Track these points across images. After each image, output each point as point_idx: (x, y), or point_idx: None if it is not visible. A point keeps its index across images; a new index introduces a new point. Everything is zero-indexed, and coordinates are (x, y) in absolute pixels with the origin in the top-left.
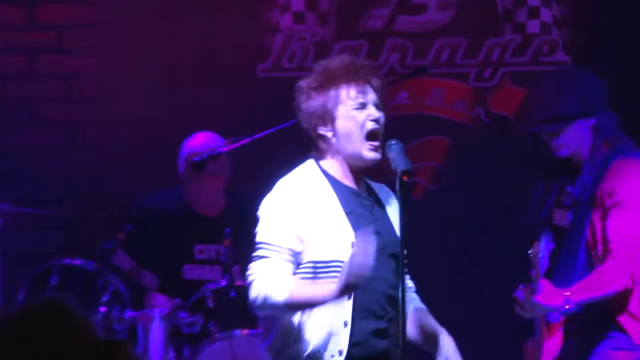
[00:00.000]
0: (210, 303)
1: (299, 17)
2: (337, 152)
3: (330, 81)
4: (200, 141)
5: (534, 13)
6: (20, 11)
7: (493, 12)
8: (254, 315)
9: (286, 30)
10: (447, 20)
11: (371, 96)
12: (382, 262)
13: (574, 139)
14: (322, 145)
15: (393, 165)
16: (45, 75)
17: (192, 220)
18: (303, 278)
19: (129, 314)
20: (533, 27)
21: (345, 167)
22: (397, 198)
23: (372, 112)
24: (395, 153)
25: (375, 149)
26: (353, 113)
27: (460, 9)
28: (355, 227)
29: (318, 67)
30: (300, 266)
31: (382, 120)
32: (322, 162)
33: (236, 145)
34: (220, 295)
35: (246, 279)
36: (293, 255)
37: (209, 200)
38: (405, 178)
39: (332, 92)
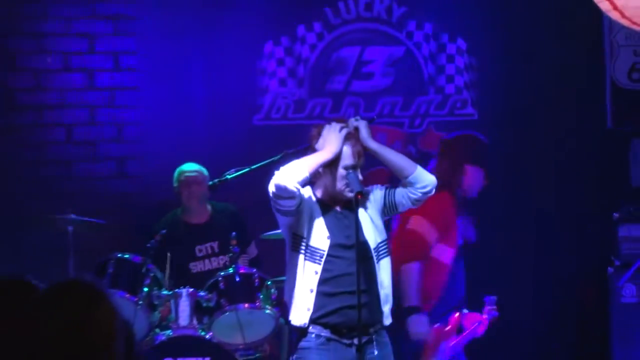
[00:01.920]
0: (222, 285)
1: (282, 82)
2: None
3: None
4: (196, 168)
5: (450, 79)
6: (82, 77)
7: (421, 79)
8: (253, 294)
9: (273, 91)
10: (388, 84)
11: (356, 153)
12: (349, 253)
13: None
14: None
15: (350, 188)
16: (102, 123)
17: (187, 229)
18: (297, 253)
19: (164, 293)
20: (450, 89)
21: (333, 194)
22: (355, 209)
23: (356, 166)
24: (352, 179)
25: (348, 189)
26: (341, 169)
27: (397, 76)
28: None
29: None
30: (295, 238)
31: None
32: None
33: (240, 173)
34: (228, 280)
35: (248, 265)
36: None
37: (193, 210)
38: (359, 197)
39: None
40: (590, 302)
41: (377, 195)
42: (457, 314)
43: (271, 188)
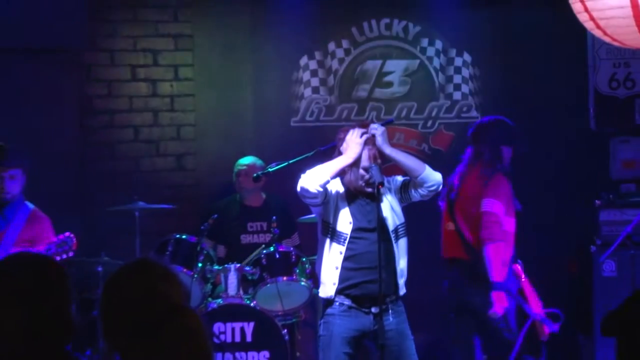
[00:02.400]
0: (264, 261)
1: (316, 90)
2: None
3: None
4: (248, 162)
5: (457, 87)
6: (147, 85)
7: (432, 87)
8: (290, 269)
9: (308, 98)
10: (405, 91)
11: (373, 157)
12: (375, 238)
13: None
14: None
15: (373, 179)
16: (164, 125)
17: (247, 210)
18: (326, 237)
19: (216, 268)
20: (457, 96)
21: (355, 188)
22: (377, 198)
23: (371, 168)
24: (374, 172)
25: (367, 185)
26: (361, 169)
27: (413, 85)
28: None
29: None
30: (324, 224)
31: (377, 163)
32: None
33: (280, 166)
34: (269, 257)
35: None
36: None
37: (250, 196)
38: (380, 186)
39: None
40: (575, 276)
41: (396, 185)
42: (517, 264)
43: (298, 188)
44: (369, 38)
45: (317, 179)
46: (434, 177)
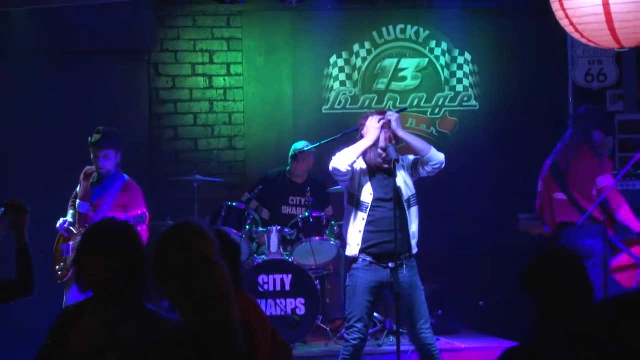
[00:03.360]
0: (300, 224)
1: (343, 83)
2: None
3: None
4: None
5: (460, 81)
6: (204, 80)
7: (439, 81)
8: (321, 230)
9: (337, 90)
10: (416, 84)
11: (389, 140)
12: (391, 206)
13: None
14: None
15: (390, 157)
16: (218, 112)
17: (291, 185)
18: (351, 206)
19: (261, 229)
20: (459, 88)
21: (375, 165)
22: (393, 172)
23: (388, 149)
24: (391, 151)
25: (385, 162)
26: (380, 149)
27: (423, 79)
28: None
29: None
30: (350, 196)
31: (393, 143)
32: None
33: (313, 146)
34: (305, 221)
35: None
36: (352, 169)
37: (299, 175)
38: (396, 163)
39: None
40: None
41: (408, 163)
42: None
43: (330, 168)
44: (387, 40)
45: (345, 159)
46: (438, 157)
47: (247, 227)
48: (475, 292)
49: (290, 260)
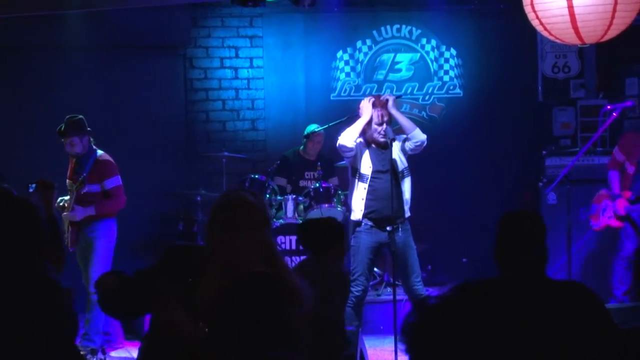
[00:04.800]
0: (312, 193)
1: (347, 74)
2: (368, 134)
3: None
4: (311, 127)
5: (446, 72)
6: (231, 71)
7: (429, 72)
8: (330, 198)
9: (342, 80)
10: (410, 75)
11: (385, 117)
12: (388, 177)
13: None
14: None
15: (387, 136)
16: (243, 99)
17: (304, 161)
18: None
19: (279, 198)
20: (446, 78)
21: (372, 140)
22: (389, 148)
23: (383, 126)
24: (387, 130)
25: (381, 136)
26: (375, 125)
27: (415, 71)
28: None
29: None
30: (353, 169)
31: (386, 125)
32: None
33: (323, 127)
34: (316, 190)
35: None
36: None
37: (311, 153)
38: (392, 141)
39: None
40: (527, 204)
41: (401, 140)
42: None
43: (337, 145)
44: (385, 38)
45: (349, 137)
46: (419, 136)
47: (267, 195)
48: (459, 251)
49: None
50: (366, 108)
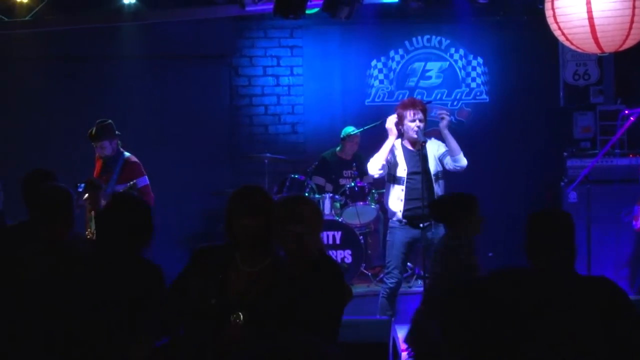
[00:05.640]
0: (348, 192)
1: (381, 81)
2: (404, 135)
3: (404, 107)
4: (348, 129)
5: (474, 80)
6: (273, 79)
7: (457, 79)
8: (364, 197)
9: (376, 86)
10: (439, 82)
11: (418, 115)
12: (421, 178)
13: None
14: (401, 131)
15: (419, 139)
16: (284, 104)
17: (341, 161)
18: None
19: (317, 196)
20: (473, 85)
21: (407, 140)
22: (424, 152)
23: (417, 122)
24: (419, 133)
25: (414, 132)
26: (409, 123)
27: (445, 78)
28: (407, 163)
29: (400, 102)
30: (389, 175)
31: (422, 125)
32: (401, 139)
33: (358, 131)
34: (351, 189)
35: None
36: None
37: (348, 153)
38: (423, 144)
39: (404, 112)
40: (550, 202)
41: (439, 146)
42: None
43: (368, 174)
44: (416, 48)
45: (375, 166)
46: (462, 162)
47: (306, 194)
48: (486, 245)
49: (339, 220)
50: (391, 130)
